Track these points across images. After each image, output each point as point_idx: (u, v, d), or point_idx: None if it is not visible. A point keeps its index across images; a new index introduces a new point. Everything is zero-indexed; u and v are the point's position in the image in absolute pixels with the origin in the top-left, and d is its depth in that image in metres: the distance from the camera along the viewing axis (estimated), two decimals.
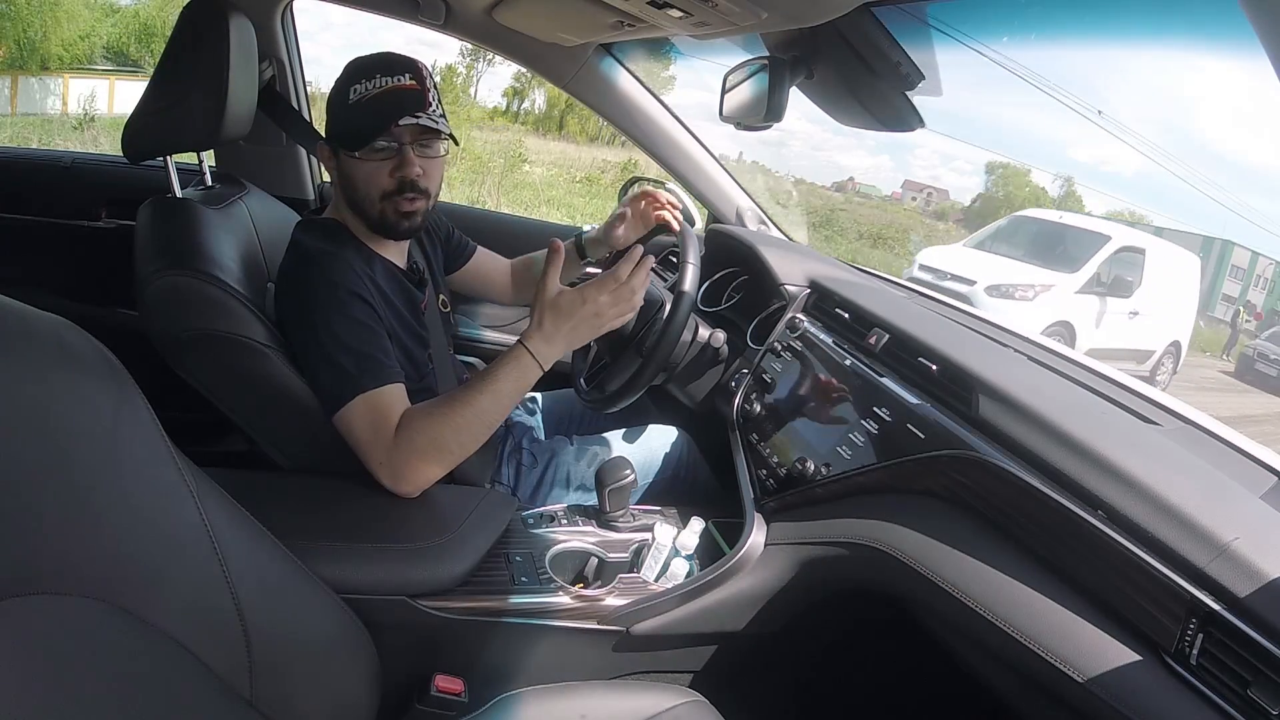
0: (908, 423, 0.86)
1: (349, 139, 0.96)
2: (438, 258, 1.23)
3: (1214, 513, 0.61)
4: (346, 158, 0.97)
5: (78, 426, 0.48)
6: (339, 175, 1.00)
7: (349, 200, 1.00)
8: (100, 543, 0.49)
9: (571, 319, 0.91)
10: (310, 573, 0.67)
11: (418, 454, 0.88)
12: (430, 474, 0.90)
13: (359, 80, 0.94)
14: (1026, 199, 14.27)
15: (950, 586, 0.74)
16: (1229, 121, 25.26)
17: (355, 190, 0.98)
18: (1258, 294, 10.29)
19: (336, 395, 0.90)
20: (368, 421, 0.89)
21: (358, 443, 0.90)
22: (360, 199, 0.99)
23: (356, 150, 0.95)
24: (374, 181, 0.96)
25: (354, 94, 0.94)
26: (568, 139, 14.16)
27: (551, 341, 0.91)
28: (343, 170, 0.99)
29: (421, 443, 0.88)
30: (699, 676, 1.02)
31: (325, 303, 0.91)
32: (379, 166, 0.96)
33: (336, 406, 0.90)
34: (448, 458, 0.90)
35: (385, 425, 0.89)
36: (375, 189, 0.97)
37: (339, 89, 0.97)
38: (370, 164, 0.96)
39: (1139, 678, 0.60)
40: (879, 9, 1.00)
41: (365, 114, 0.94)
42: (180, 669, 0.52)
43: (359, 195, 0.98)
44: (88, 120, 8.51)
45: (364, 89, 0.94)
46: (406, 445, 0.88)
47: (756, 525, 0.99)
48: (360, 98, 0.94)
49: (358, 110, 0.94)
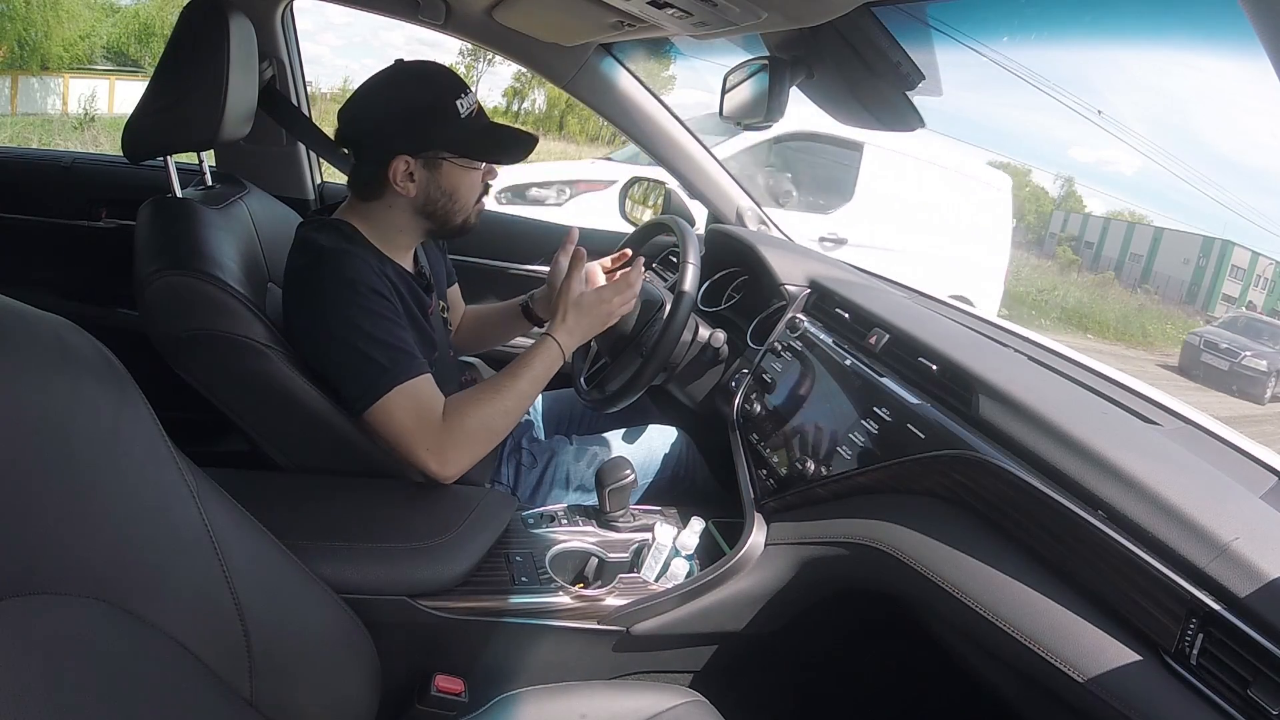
0: (908, 423, 0.86)
1: (471, 149, 0.99)
2: (440, 267, 1.23)
3: (1214, 513, 0.61)
4: (455, 167, 0.98)
5: (78, 426, 0.48)
6: (428, 184, 0.98)
7: (432, 208, 1.00)
8: (100, 543, 0.49)
9: (591, 315, 1.05)
10: (310, 572, 0.67)
11: (469, 437, 0.95)
12: (476, 455, 0.97)
13: (458, 95, 0.97)
14: (1027, 199, 14.29)
15: (950, 586, 0.74)
16: (1229, 121, 25.27)
17: (455, 199, 1.01)
18: (1258, 294, 10.29)
19: (369, 390, 0.90)
20: (410, 411, 0.92)
21: (400, 433, 0.92)
22: (457, 206, 1.02)
23: (481, 162, 1.01)
24: (476, 188, 1.03)
25: (463, 108, 0.97)
26: (568, 139, 14.17)
27: (574, 334, 1.04)
28: (441, 180, 0.99)
29: (473, 425, 0.95)
30: (699, 676, 1.02)
31: (347, 300, 0.91)
32: (479, 174, 1.02)
33: (370, 401, 0.91)
34: (494, 439, 0.99)
35: (429, 412, 0.93)
36: (474, 194, 1.03)
37: (439, 99, 0.96)
38: (477, 173, 1.02)
39: (1139, 677, 0.60)
40: (879, 9, 1.00)
41: (483, 129, 1.00)
42: (180, 669, 0.52)
43: (457, 203, 1.01)
44: (88, 120, 8.53)
45: (468, 104, 0.98)
46: (459, 429, 0.94)
47: (757, 525, 0.99)
48: (470, 112, 0.98)
49: (473, 124, 0.98)
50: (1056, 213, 13.94)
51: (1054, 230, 13.51)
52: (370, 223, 1.01)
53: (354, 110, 0.98)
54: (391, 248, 1.03)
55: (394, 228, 1.02)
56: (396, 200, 0.99)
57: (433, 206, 1.00)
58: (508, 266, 1.73)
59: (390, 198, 0.99)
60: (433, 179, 0.98)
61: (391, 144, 0.95)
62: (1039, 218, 13.93)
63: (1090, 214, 13.71)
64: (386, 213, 1.01)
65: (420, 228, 1.03)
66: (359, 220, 1.01)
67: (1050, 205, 14.17)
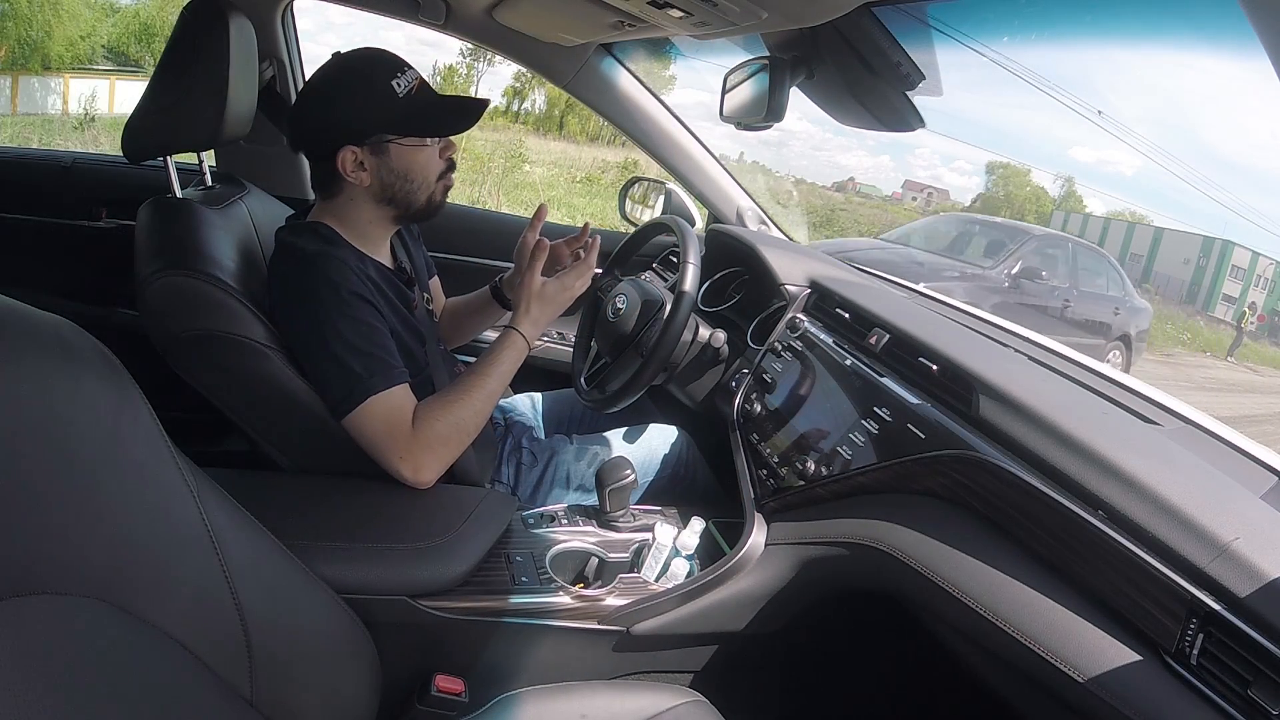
0: (908, 423, 0.86)
1: (413, 127, 0.97)
2: (420, 260, 1.23)
3: (1214, 513, 0.61)
4: (402, 148, 0.97)
5: (78, 427, 0.48)
6: (380, 169, 0.98)
7: (389, 193, 1.00)
8: (101, 543, 0.49)
9: (554, 303, 1.06)
10: (311, 572, 0.67)
11: (440, 440, 0.94)
12: (450, 458, 0.97)
13: (393, 75, 0.96)
14: (1027, 199, 14.28)
15: (950, 586, 0.74)
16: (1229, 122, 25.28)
17: (410, 179, 1.00)
18: (1258, 294, 10.28)
19: (347, 397, 0.90)
20: (383, 421, 0.91)
21: (374, 442, 0.92)
22: (415, 186, 1.00)
23: (430, 138, 0.99)
24: (432, 165, 1.01)
25: (399, 87, 0.96)
26: (568, 139, 14.15)
27: (538, 324, 1.05)
28: (393, 164, 0.98)
29: (442, 429, 0.94)
30: (699, 676, 1.02)
31: (328, 305, 0.91)
32: (433, 150, 1.01)
33: (348, 409, 0.91)
34: (467, 439, 0.98)
35: (401, 422, 0.93)
36: (433, 171, 1.02)
37: (376, 83, 0.95)
38: (429, 149, 1.00)
39: (1139, 677, 0.60)
40: (879, 9, 1.00)
41: (423, 104, 0.97)
42: (180, 669, 0.52)
43: (415, 182, 1.00)
44: (88, 120, 8.52)
45: (404, 82, 0.96)
46: (428, 434, 0.93)
47: (757, 525, 0.99)
48: (408, 90, 0.96)
49: (413, 102, 0.97)
50: (1056, 213, 13.94)
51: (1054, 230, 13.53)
52: (341, 220, 1.01)
53: (296, 113, 0.99)
54: (368, 244, 1.03)
55: (363, 220, 1.02)
56: (355, 192, 1.00)
57: (390, 191, 1.00)
58: (507, 266, 1.73)
59: (349, 190, 0.99)
60: (383, 164, 0.98)
61: (335, 137, 0.95)
62: (1039, 218, 13.93)
63: (1090, 214, 13.71)
64: (350, 206, 1.01)
65: (387, 216, 1.03)
66: (332, 219, 1.01)
67: (1050, 205, 14.15)
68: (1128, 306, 5.87)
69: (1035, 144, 25.05)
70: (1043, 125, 24.73)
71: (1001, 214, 13.87)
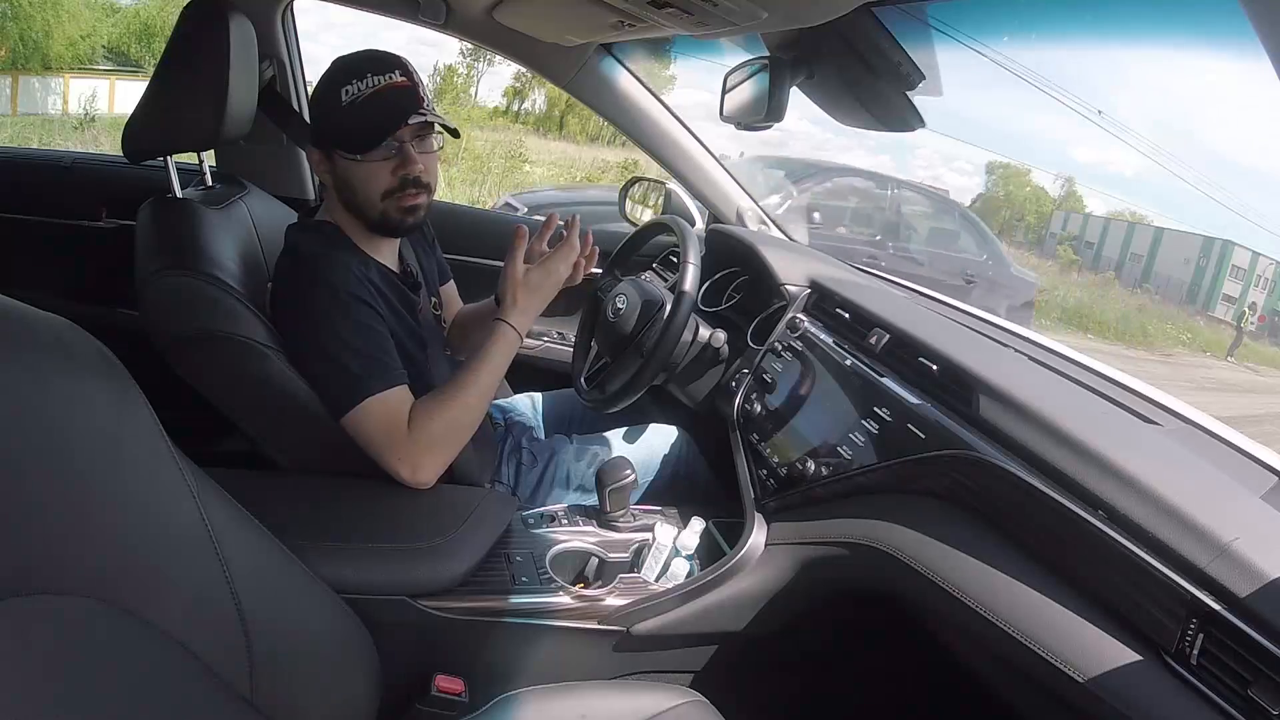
0: (908, 423, 0.86)
1: (349, 142, 0.95)
2: (430, 264, 1.23)
3: (1214, 513, 0.61)
4: (344, 160, 0.96)
5: (78, 426, 0.48)
6: (334, 178, 0.99)
7: (346, 203, 1.00)
8: (100, 542, 0.49)
9: (540, 290, 1.03)
10: (311, 572, 0.67)
11: (437, 441, 0.93)
12: (448, 458, 0.96)
13: (349, 81, 0.92)
14: (1027, 199, 14.27)
15: (951, 587, 0.74)
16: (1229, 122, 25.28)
17: (354, 193, 0.98)
18: (1258, 294, 10.29)
19: (344, 399, 0.90)
20: (379, 422, 0.91)
21: (371, 443, 0.92)
22: (360, 201, 0.98)
23: (359, 154, 0.95)
24: (374, 183, 0.96)
25: (346, 95, 0.92)
26: (568, 139, 14.16)
27: (526, 314, 1.02)
28: (339, 173, 0.98)
29: (438, 429, 0.93)
30: (699, 676, 1.02)
31: (326, 307, 0.91)
32: (380, 167, 0.95)
33: (345, 410, 0.90)
34: (463, 437, 0.97)
35: (398, 423, 0.92)
36: (376, 190, 0.97)
37: (327, 90, 0.94)
38: (371, 165, 0.95)
39: (1139, 678, 0.60)
40: (879, 9, 1.00)
41: (364, 116, 0.93)
42: (180, 669, 0.52)
43: (358, 198, 0.98)
44: (88, 120, 8.52)
45: (356, 90, 0.92)
46: (425, 435, 0.92)
47: (757, 525, 0.99)
48: (354, 99, 0.92)
49: (354, 112, 0.93)
50: (1057, 213, 13.93)
51: (1054, 230, 13.52)
52: (342, 218, 1.02)
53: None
54: (370, 245, 1.03)
55: (355, 222, 1.01)
56: (330, 195, 1.01)
57: (347, 200, 0.99)
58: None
59: (330, 191, 1.01)
60: (335, 172, 0.98)
61: (312, 135, 0.98)
62: (1039, 218, 13.92)
63: (1090, 214, 13.71)
64: (335, 208, 1.02)
65: (360, 223, 1.01)
66: (341, 219, 1.01)
67: (1050, 205, 14.15)
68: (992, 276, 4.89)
69: (1035, 144, 25.05)
70: (1043, 125, 24.75)
71: (1002, 214, 13.86)
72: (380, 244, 1.04)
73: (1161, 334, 9.31)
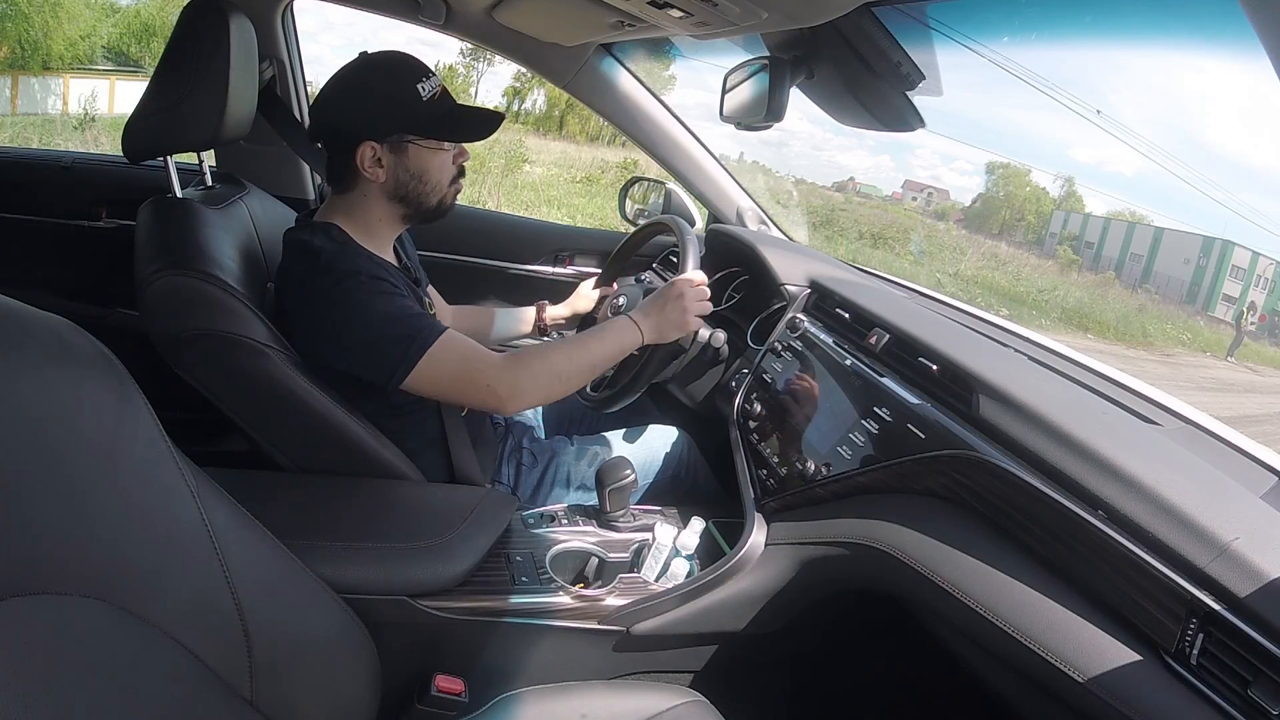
0: (908, 423, 0.86)
1: (435, 129, 1.00)
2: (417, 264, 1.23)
3: (1214, 513, 0.61)
4: (420, 149, 1.00)
5: (78, 426, 0.48)
6: (398, 170, 1.00)
7: (403, 192, 1.01)
8: (100, 542, 0.49)
9: (661, 298, 1.10)
10: (310, 572, 0.67)
11: (532, 376, 0.98)
12: (540, 391, 1.01)
13: (419, 79, 0.98)
14: (1027, 199, 14.27)
15: (950, 586, 0.74)
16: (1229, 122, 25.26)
17: (425, 180, 1.02)
18: (1258, 294, 10.29)
19: (402, 361, 0.92)
20: (455, 359, 0.95)
21: (454, 378, 0.96)
22: (429, 188, 1.03)
23: (443, 140, 1.01)
24: (446, 168, 1.04)
25: (424, 91, 0.98)
26: (568, 139, 14.16)
27: (648, 315, 1.09)
28: (411, 164, 1.00)
29: (539, 368, 0.99)
30: (699, 676, 1.02)
31: (356, 288, 0.93)
32: (449, 155, 1.03)
33: (409, 367, 0.92)
34: (558, 384, 1.01)
35: (474, 353, 0.97)
36: (447, 175, 1.04)
37: (404, 84, 0.97)
38: (445, 154, 1.03)
39: (1139, 677, 0.60)
40: (879, 9, 1.00)
41: (445, 108, 1.00)
42: (180, 669, 0.52)
43: (428, 185, 1.02)
44: (88, 120, 8.52)
45: (431, 87, 0.99)
46: (526, 367, 0.98)
47: (757, 525, 0.99)
48: (432, 94, 0.99)
49: (437, 106, 0.99)
50: (1057, 213, 13.94)
51: (1054, 230, 13.53)
52: (352, 219, 1.02)
53: (321, 104, 1.00)
54: (376, 244, 1.03)
55: (373, 218, 1.02)
56: (369, 188, 1.01)
57: (404, 190, 1.01)
58: (507, 266, 1.73)
59: (364, 186, 1.00)
60: (399, 162, 1.00)
61: (358, 131, 0.97)
62: (1039, 218, 13.93)
63: (1090, 214, 13.71)
64: (363, 202, 1.02)
65: (396, 214, 1.04)
66: (342, 218, 1.02)
67: (1050, 205, 14.15)
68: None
69: (1035, 144, 25.04)
70: (1043, 125, 24.74)
71: (1002, 214, 13.87)
72: (383, 241, 1.05)
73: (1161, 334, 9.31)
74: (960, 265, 11.34)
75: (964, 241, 12.99)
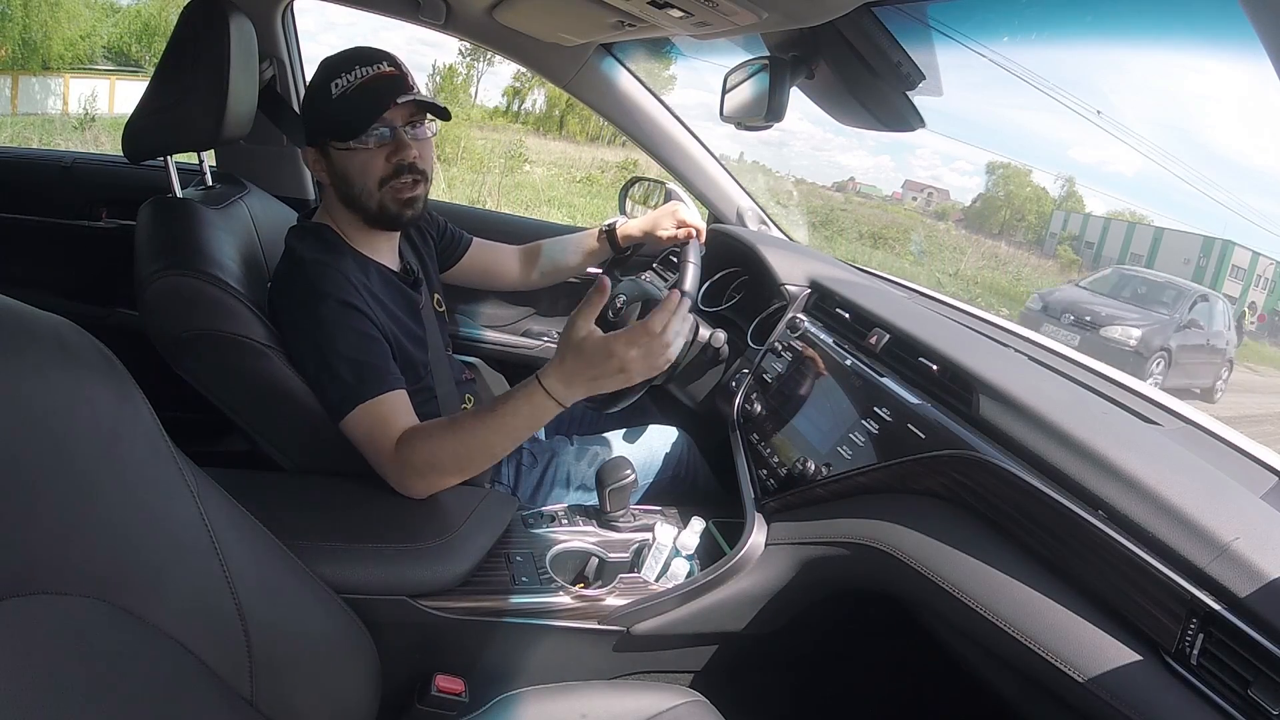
0: (908, 423, 0.86)
1: (340, 131, 0.96)
2: (431, 256, 1.23)
3: (1214, 513, 0.61)
4: (338, 151, 0.97)
5: (78, 426, 0.48)
6: (330, 174, 1.00)
7: (344, 197, 1.00)
8: (100, 543, 0.49)
9: (595, 368, 0.83)
10: (310, 572, 0.67)
11: (416, 472, 0.89)
12: (432, 486, 0.91)
13: (338, 75, 0.95)
14: (1027, 199, 14.27)
15: (951, 586, 0.74)
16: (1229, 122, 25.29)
17: (350, 184, 0.98)
18: (1258, 294, 10.29)
19: (338, 405, 0.91)
20: (367, 431, 0.90)
21: (362, 449, 0.92)
22: (357, 192, 0.98)
23: (350, 140, 0.96)
24: (370, 170, 0.96)
25: (336, 88, 0.94)
26: (568, 139, 14.16)
27: (571, 384, 0.84)
28: (335, 167, 0.98)
29: (418, 462, 0.88)
30: (699, 676, 1.02)
31: (320, 314, 0.91)
32: (374, 154, 0.96)
33: (339, 416, 0.91)
34: (447, 478, 0.90)
35: (384, 434, 0.90)
36: (372, 177, 0.97)
37: (318, 87, 0.97)
38: (365, 153, 0.96)
39: (1139, 677, 0.60)
40: (879, 9, 1.00)
41: (353, 104, 0.94)
42: (180, 669, 0.52)
43: (355, 189, 0.98)
44: (88, 120, 8.52)
45: (346, 82, 0.94)
46: (405, 462, 0.89)
47: (757, 525, 0.99)
48: (344, 90, 0.94)
49: (344, 102, 0.94)
50: (1057, 213, 13.94)
51: (1054, 230, 13.53)
52: (340, 218, 1.02)
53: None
54: (369, 246, 1.03)
55: (353, 220, 1.02)
56: (328, 194, 1.01)
57: (343, 194, 1.00)
58: None
59: (327, 190, 1.01)
60: (329, 166, 0.99)
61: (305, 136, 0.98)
62: (1039, 218, 13.93)
63: (1090, 214, 13.72)
64: (333, 206, 1.02)
65: (357, 219, 1.01)
66: (339, 218, 1.02)
67: (1050, 205, 14.15)
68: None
69: (1035, 144, 25.04)
70: (1043, 125, 24.75)
71: (1002, 214, 13.86)
72: (380, 243, 1.04)
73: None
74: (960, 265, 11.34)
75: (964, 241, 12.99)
